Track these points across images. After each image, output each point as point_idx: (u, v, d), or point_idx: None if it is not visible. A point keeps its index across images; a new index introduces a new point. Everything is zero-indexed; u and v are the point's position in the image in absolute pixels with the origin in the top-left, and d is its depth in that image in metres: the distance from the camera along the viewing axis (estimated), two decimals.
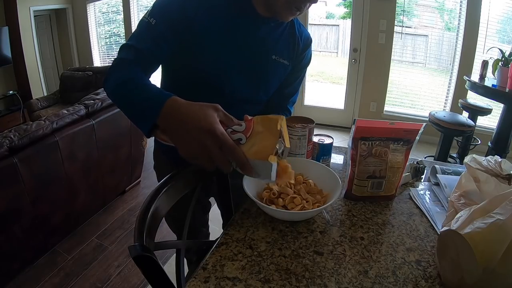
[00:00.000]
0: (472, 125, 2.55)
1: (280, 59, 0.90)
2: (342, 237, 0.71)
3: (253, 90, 0.90)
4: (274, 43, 0.88)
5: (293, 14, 0.79)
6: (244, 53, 0.84)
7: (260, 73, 0.89)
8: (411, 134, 0.78)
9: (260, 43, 0.86)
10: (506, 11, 3.23)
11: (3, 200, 1.60)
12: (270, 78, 0.92)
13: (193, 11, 0.77)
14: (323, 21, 7.30)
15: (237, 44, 0.83)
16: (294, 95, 1.04)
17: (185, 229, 0.82)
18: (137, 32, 0.77)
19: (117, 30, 5.20)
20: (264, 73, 0.90)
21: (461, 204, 0.67)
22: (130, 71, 0.71)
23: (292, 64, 0.94)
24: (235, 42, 0.83)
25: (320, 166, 0.85)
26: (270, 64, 0.89)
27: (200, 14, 0.78)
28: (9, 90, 4.59)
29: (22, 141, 1.65)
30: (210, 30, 0.79)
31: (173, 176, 0.76)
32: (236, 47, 0.83)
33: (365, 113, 3.90)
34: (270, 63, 0.88)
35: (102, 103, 2.14)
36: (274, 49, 0.88)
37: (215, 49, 0.81)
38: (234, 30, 0.82)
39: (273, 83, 0.94)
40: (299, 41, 0.93)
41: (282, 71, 0.93)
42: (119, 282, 1.81)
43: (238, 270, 0.61)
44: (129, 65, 0.73)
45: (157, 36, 0.75)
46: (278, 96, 1.00)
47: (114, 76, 0.72)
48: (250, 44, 0.84)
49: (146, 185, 2.78)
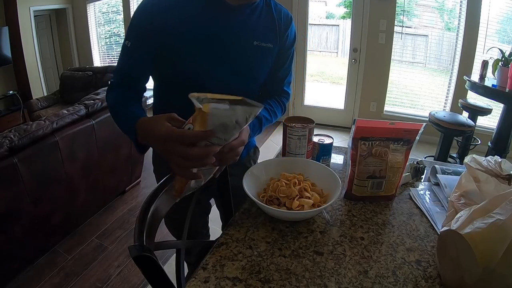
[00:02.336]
0: (472, 125, 2.55)
1: (263, 43, 0.88)
2: (342, 237, 0.71)
3: (241, 81, 0.89)
4: (253, 29, 0.86)
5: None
6: (223, 46, 0.83)
7: (245, 62, 0.88)
8: (411, 134, 0.78)
9: (238, 32, 0.85)
10: (506, 11, 3.23)
11: (3, 200, 1.60)
12: (256, 65, 0.90)
13: (161, 20, 0.78)
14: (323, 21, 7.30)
15: (213, 39, 0.82)
16: (288, 76, 1.03)
17: (185, 229, 0.82)
18: (120, 56, 0.85)
19: (117, 30, 5.20)
20: (248, 61, 0.88)
21: (461, 204, 0.67)
22: (117, 94, 0.84)
23: (278, 46, 0.92)
24: (211, 37, 0.82)
25: (320, 166, 0.86)
26: (253, 50, 0.87)
27: (170, 20, 0.79)
28: (9, 90, 4.59)
29: (22, 141, 1.65)
30: (183, 33, 0.80)
31: (173, 176, 0.76)
32: (213, 42, 0.83)
33: (365, 113, 3.90)
34: (253, 49, 0.87)
35: (102, 103, 2.14)
36: (254, 35, 0.87)
37: (192, 49, 0.81)
38: (207, 26, 0.81)
39: (261, 70, 0.93)
40: (279, 21, 0.91)
41: (268, 55, 0.91)
42: (119, 282, 1.81)
43: (238, 270, 0.61)
44: (116, 88, 0.85)
45: (135, 56, 0.83)
46: (272, 82, 0.99)
47: (107, 98, 0.86)
48: (228, 36, 0.83)
49: (146, 185, 2.78)
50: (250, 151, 1.11)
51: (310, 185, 0.79)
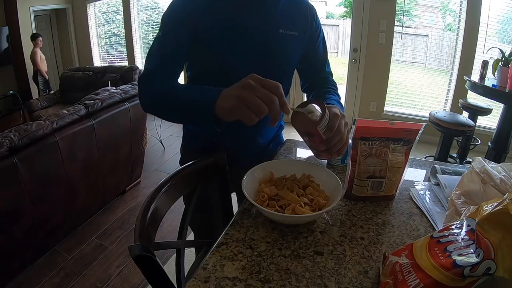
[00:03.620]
0: (472, 125, 2.55)
1: (287, 31, 0.88)
2: (342, 237, 0.71)
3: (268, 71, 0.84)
4: (278, 17, 0.87)
5: None
6: (248, 37, 0.84)
7: (271, 51, 0.88)
8: (411, 134, 0.78)
9: (263, 21, 0.85)
10: (506, 11, 3.23)
11: (3, 200, 1.60)
12: (282, 53, 0.90)
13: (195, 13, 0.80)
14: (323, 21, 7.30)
15: (238, 31, 0.83)
16: (325, 63, 1.06)
17: (185, 229, 0.82)
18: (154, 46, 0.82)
19: (117, 30, 5.20)
20: (274, 50, 0.88)
21: (461, 203, 0.67)
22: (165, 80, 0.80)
23: (306, 34, 0.93)
24: (235, 29, 0.83)
25: (322, 168, 0.85)
26: (278, 39, 0.87)
27: (201, 14, 0.80)
28: (9, 90, 4.60)
29: (22, 141, 1.65)
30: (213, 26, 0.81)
31: (173, 176, 0.76)
32: (237, 34, 0.83)
33: (365, 113, 3.90)
34: (278, 37, 0.87)
35: (102, 103, 2.14)
36: (280, 23, 0.87)
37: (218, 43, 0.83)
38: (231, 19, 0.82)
39: (288, 58, 0.93)
40: (305, 9, 0.92)
41: (294, 44, 0.91)
42: (119, 282, 1.81)
43: (238, 270, 0.61)
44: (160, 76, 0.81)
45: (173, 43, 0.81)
46: (312, 74, 1.04)
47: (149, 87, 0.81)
48: (253, 26, 0.84)
49: (146, 185, 2.78)
50: (278, 147, 1.12)
51: (315, 186, 0.78)
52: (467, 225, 0.50)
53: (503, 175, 0.65)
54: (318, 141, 0.73)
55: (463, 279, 0.44)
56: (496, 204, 0.46)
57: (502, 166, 0.68)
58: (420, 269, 0.49)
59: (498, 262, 0.42)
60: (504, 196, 0.46)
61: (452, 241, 0.50)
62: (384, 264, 0.58)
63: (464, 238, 0.49)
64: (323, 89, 1.01)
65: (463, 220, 0.52)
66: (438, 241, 0.51)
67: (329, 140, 0.72)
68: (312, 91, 1.06)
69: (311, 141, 0.75)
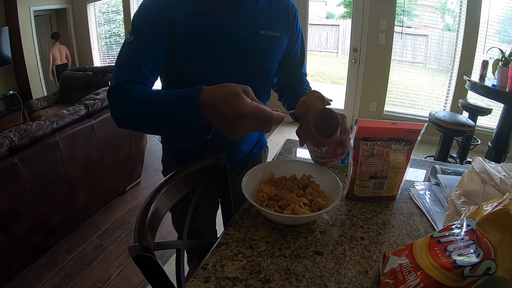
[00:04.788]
0: (472, 125, 2.55)
1: (269, 32, 0.85)
2: (342, 237, 0.71)
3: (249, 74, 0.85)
4: (259, 18, 0.84)
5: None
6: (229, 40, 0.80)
7: (252, 53, 0.85)
8: (413, 134, 0.78)
9: (243, 23, 0.82)
10: (506, 11, 3.23)
11: (3, 200, 1.60)
12: (264, 55, 0.87)
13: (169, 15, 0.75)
14: (323, 21, 7.31)
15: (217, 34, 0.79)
16: (302, 65, 1.02)
17: (185, 229, 0.82)
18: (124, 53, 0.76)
19: (117, 30, 5.20)
20: (256, 52, 0.85)
21: (461, 203, 0.67)
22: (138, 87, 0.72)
23: (288, 34, 0.90)
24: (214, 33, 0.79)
25: (322, 169, 0.85)
26: (259, 40, 0.84)
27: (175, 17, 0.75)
28: (9, 90, 4.59)
29: (22, 141, 1.65)
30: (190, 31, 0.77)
31: (173, 176, 0.76)
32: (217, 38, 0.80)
33: (365, 113, 3.90)
34: (259, 39, 0.84)
35: (102, 103, 2.14)
36: (261, 24, 0.84)
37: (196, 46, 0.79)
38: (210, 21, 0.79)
39: (270, 60, 0.90)
40: (287, 9, 0.89)
41: (276, 44, 0.88)
42: (119, 282, 1.81)
43: (238, 270, 0.61)
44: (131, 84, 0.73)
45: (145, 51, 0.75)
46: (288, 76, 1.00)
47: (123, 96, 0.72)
48: (233, 28, 0.80)
49: (146, 185, 2.78)
50: (261, 151, 1.11)
51: (315, 187, 0.78)
52: (467, 225, 0.50)
53: (503, 175, 0.65)
54: (334, 147, 0.75)
55: (463, 279, 0.44)
56: (496, 204, 0.46)
57: (502, 166, 0.68)
58: (420, 269, 0.49)
59: (498, 262, 0.41)
60: (504, 196, 0.46)
61: (452, 241, 0.50)
62: (384, 264, 0.58)
63: (464, 238, 0.49)
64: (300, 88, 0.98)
65: (463, 220, 0.52)
66: (438, 241, 0.51)
67: (343, 142, 0.74)
68: (285, 94, 1.01)
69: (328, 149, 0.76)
